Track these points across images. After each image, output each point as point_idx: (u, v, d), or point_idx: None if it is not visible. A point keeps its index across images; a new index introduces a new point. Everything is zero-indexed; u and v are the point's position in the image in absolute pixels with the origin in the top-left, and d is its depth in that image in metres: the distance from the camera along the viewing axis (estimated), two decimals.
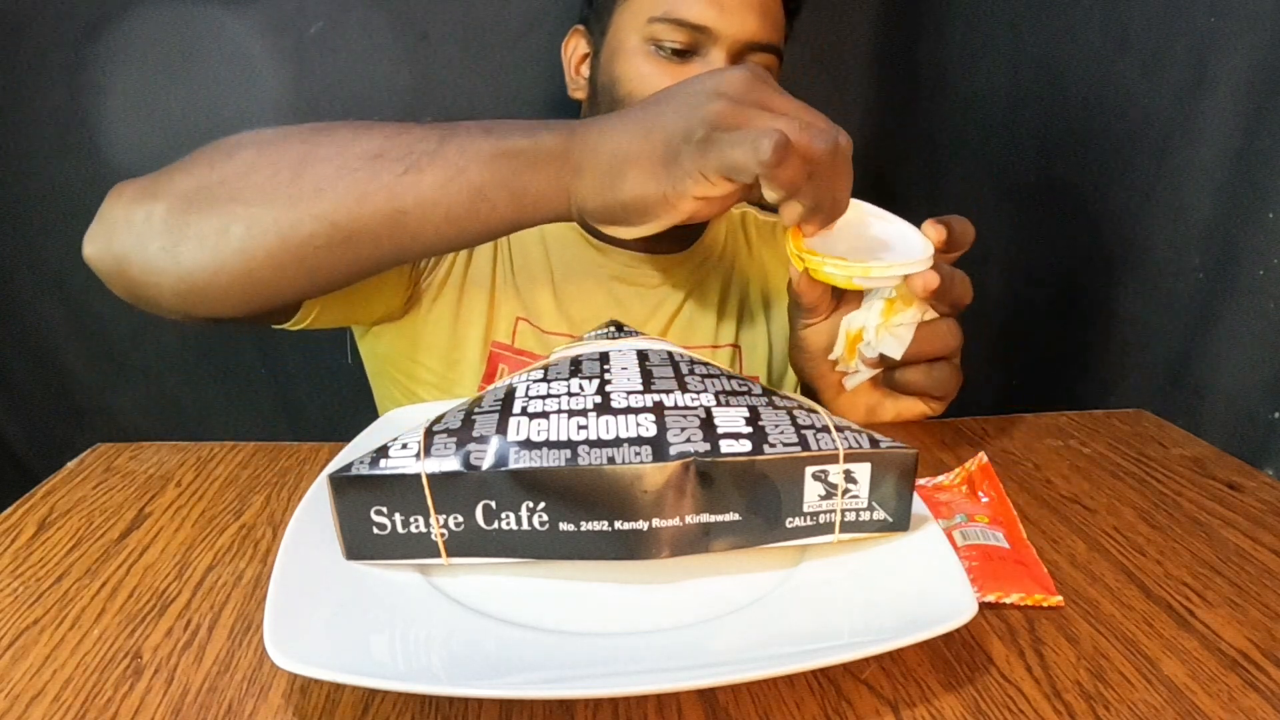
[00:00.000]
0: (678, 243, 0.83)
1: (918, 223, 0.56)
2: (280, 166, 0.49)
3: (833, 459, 0.39)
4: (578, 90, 0.81)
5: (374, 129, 0.51)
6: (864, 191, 0.52)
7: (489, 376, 0.78)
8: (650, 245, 0.81)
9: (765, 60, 0.73)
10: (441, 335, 0.78)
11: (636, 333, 0.49)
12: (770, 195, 0.47)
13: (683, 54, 0.71)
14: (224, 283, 0.50)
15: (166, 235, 0.50)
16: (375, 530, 0.39)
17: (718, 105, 0.46)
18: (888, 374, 0.59)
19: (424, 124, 0.51)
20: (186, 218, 0.50)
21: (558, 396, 0.40)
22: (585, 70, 0.80)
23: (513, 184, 0.49)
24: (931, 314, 0.56)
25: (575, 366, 0.43)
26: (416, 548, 0.39)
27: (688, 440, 0.38)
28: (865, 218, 0.54)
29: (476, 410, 0.40)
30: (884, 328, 0.55)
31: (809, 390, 0.66)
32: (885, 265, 0.50)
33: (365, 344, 0.83)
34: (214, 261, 0.49)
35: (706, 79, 0.49)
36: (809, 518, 0.40)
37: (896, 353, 0.55)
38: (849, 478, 0.39)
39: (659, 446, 0.37)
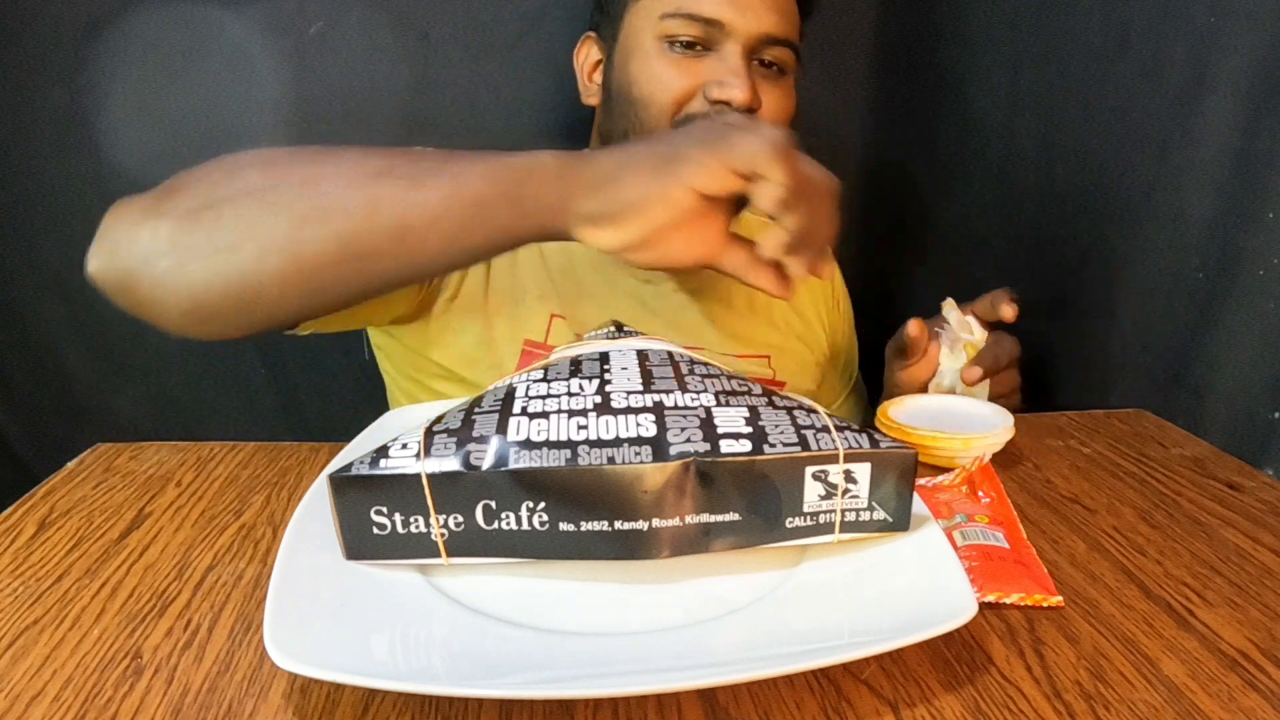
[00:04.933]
0: None
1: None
2: (288, 185, 0.49)
3: (833, 459, 0.39)
4: (591, 96, 0.80)
5: (376, 151, 0.51)
6: (863, 190, 0.52)
7: None
8: None
9: (780, 55, 0.72)
10: (463, 335, 0.76)
11: (636, 333, 0.49)
12: (763, 202, 0.47)
13: (696, 49, 0.71)
14: (233, 302, 0.50)
15: (174, 253, 0.50)
16: (375, 530, 0.39)
17: (729, 125, 0.49)
18: None
19: (425, 150, 0.52)
20: (194, 236, 0.49)
21: (558, 396, 0.40)
22: (598, 76, 0.79)
23: (512, 194, 0.49)
24: None
25: (575, 366, 0.43)
26: (416, 548, 0.39)
27: (688, 440, 0.38)
28: (934, 403, 0.66)
29: (476, 410, 0.40)
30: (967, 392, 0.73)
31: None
32: (986, 438, 0.58)
33: (379, 341, 0.82)
34: (223, 280, 0.49)
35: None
36: (809, 518, 0.40)
37: (984, 396, 0.72)
38: (849, 478, 0.39)
39: (659, 446, 0.37)
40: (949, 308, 0.74)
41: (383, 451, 0.39)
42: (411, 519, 0.39)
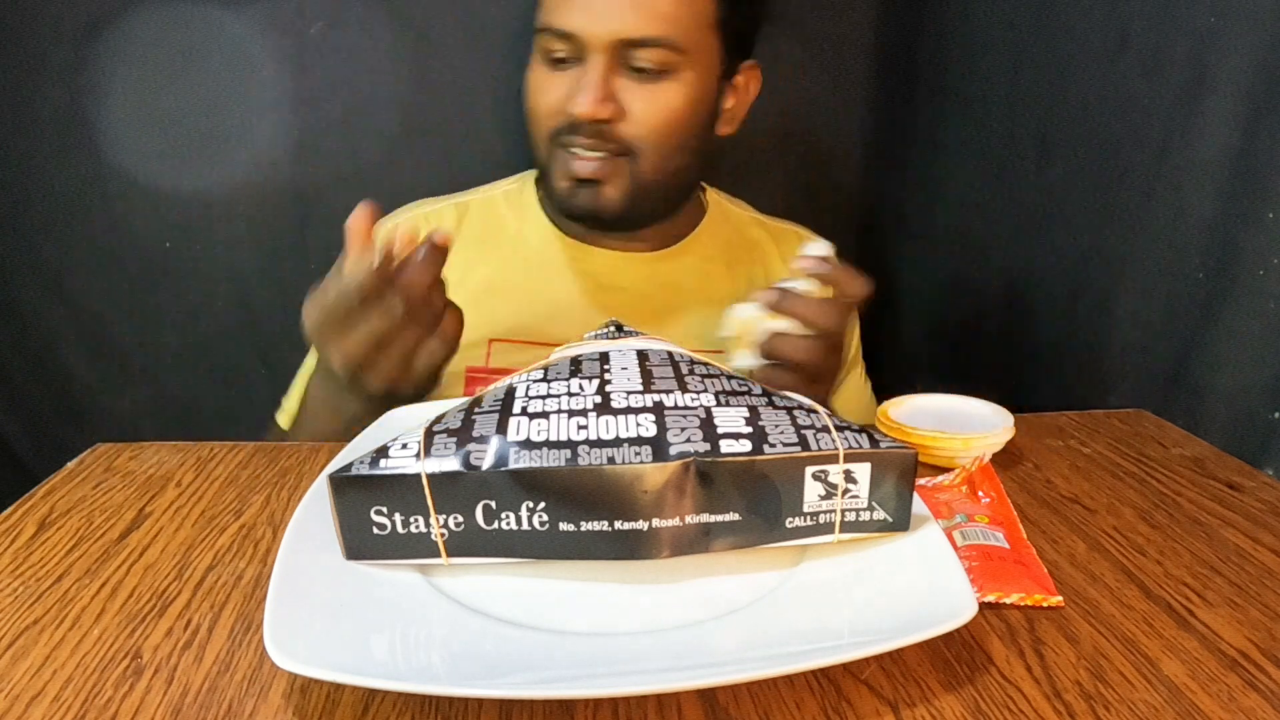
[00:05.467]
0: (657, 240, 0.83)
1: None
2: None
3: (833, 459, 0.39)
4: None
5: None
6: (863, 190, 0.52)
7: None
8: (627, 242, 0.82)
9: (651, 56, 0.70)
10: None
11: (636, 333, 0.49)
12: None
13: (564, 61, 0.72)
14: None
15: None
16: (375, 530, 0.39)
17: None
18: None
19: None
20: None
21: (558, 396, 0.40)
22: None
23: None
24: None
25: (575, 366, 0.43)
26: (416, 548, 0.39)
27: (688, 440, 0.38)
28: (934, 403, 0.64)
29: (476, 410, 0.40)
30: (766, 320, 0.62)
31: None
32: (986, 438, 0.57)
33: None
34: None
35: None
36: (809, 518, 0.40)
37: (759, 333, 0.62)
38: (849, 478, 0.39)
39: (659, 446, 0.37)
40: (815, 245, 0.63)
41: (383, 451, 0.39)
42: (411, 519, 0.39)
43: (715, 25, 0.74)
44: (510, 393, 0.41)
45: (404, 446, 0.39)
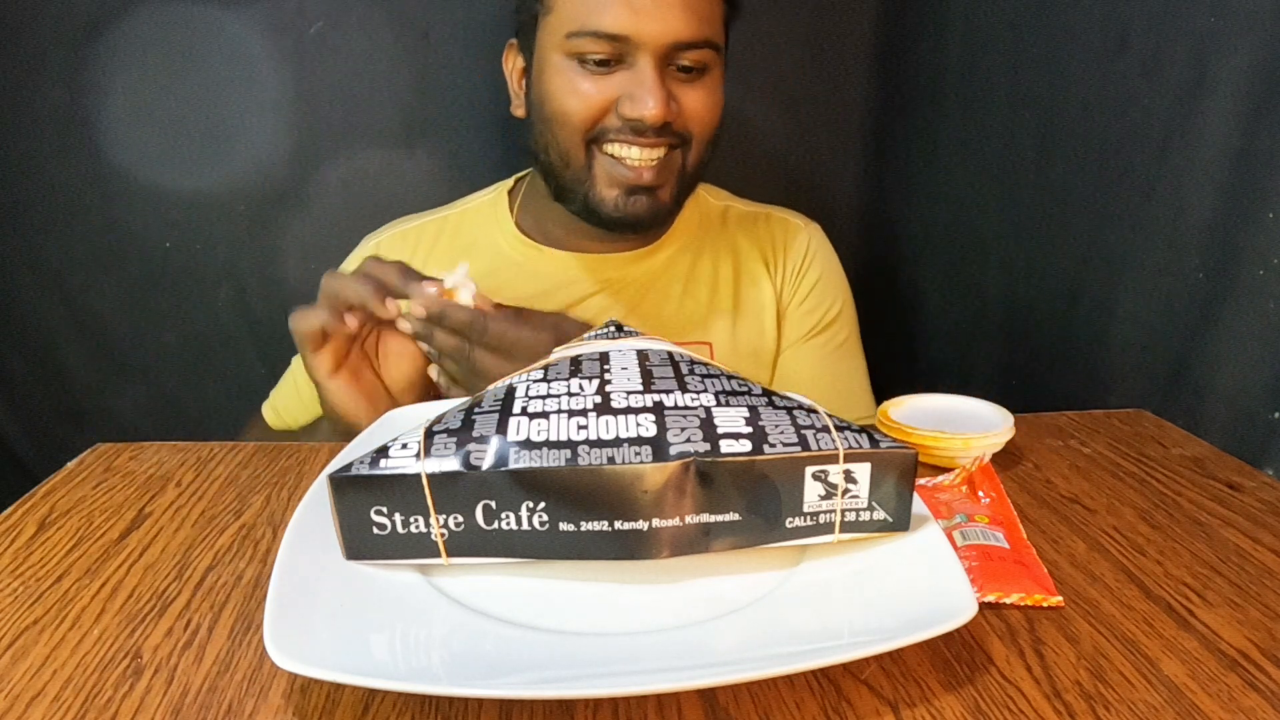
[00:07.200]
0: (635, 240, 0.83)
1: None
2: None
3: (833, 459, 0.39)
4: (519, 108, 0.80)
5: None
6: (863, 191, 0.52)
7: None
8: (608, 244, 0.81)
9: (698, 57, 0.71)
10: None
11: (636, 332, 0.49)
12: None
13: (607, 64, 0.70)
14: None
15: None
16: (375, 530, 0.39)
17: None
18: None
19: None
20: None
21: (558, 396, 0.40)
22: (524, 86, 0.79)
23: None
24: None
25: (575, 366, 0.43)
26: (416, 548, 0.39)
27: (688, 440, 0.38)
28: (934, 402, 0.64)
29: (476, 410, 0.40)
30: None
31: None
32: (986, 438, 0.57)
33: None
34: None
35: None
36: (809, 518, 0.40)
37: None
38: (849, 478, 0.39)
39: (659, 446, 0.37)
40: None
41: (383, 451, 0.39)
42: (411, 519, 0.39)
43: (724, 20, 0.75)
44: (510, 393, 0.42)
45: (404, 446, 0.39)
